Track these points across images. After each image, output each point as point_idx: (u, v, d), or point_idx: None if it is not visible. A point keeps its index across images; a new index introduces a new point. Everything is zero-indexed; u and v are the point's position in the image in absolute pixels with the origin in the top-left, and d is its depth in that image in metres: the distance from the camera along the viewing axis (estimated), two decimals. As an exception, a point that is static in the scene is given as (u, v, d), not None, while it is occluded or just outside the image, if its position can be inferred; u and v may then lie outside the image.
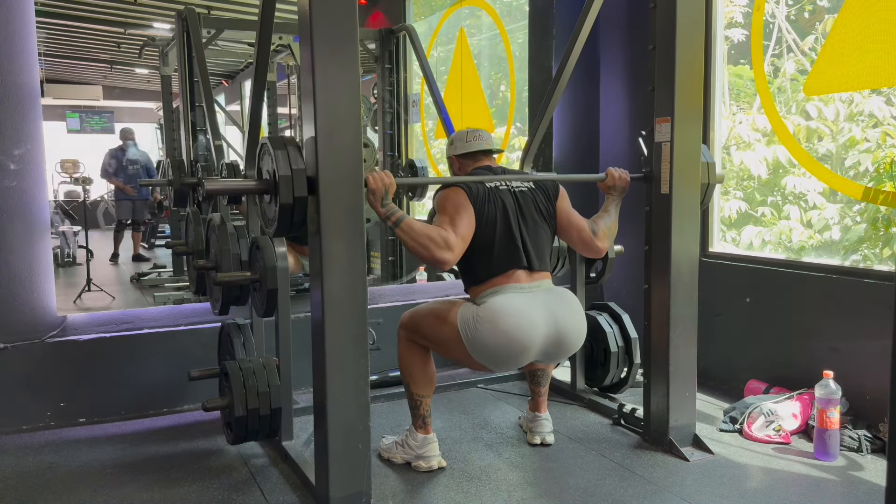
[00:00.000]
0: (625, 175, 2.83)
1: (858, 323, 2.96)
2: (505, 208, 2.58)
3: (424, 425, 2.67)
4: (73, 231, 8.24)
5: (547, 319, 2.50)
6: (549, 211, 2.68)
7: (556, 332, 2.53)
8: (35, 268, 3.20)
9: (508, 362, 2.53)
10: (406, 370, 2.68)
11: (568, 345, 2.58)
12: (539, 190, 2.69)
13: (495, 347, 2.46)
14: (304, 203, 2.19)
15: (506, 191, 2.62)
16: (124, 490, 2.56)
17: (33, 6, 3.18)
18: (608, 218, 2.79)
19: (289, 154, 2.19)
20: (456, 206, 2.51)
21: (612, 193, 2.84)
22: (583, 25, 3.16)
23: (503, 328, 2.44)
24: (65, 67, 12.14)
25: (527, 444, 2.93)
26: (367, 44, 5.92)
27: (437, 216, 2.54)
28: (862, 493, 2.45)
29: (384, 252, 6.09)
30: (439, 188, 2.64)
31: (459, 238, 2.45)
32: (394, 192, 2.38)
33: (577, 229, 2.73)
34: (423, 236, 2.40)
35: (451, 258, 2.44)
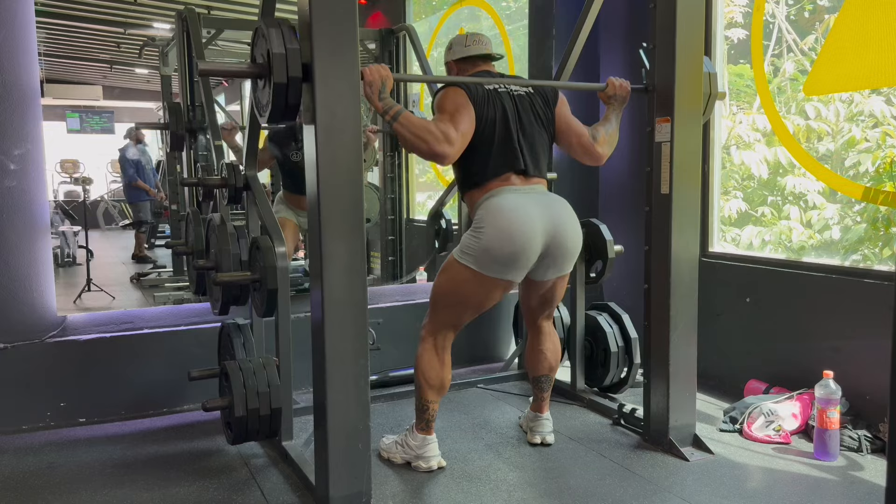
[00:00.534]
0: (625, 84, 2.80)
1: (858, 323, 2.96)
2: (504, 111, 2.56)
3: (427, 427, 2.66)
4: (73, 231, 8.24)
5: (543, 215, 2.51)
6: (547, 116, 2.66)
7: (553, 227, 2.53)
8: (35, 268, 3.20)
9: (517, 259, 2.48)
10: (422, 373, 2.63)
11: (566, 242, 2.57)
12: (538, 95, 2.67)
13: (500, 245, 2.44)
14: (299, 85, 2.14)
15: (505, 94, 2.60)
16: (124, 490, 2.56)
17: (33, 6, 3.18)
18: (609, 125, 2.78)
19: (283, 33, 2.14)
20: (456, 104, 2.49)
21: (613, 103, 2.82)
22: (583, 25, 3.16)
23: (502, 223, 2.44)
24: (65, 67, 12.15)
25: (527, 444, 2.93)
26: (367, 44, 5.92)
27: (437, 114, 2.51)
28: (862, 493, 2.45)
29: (384, 252, 6.09)
30: (439, 89, 2.60)
31: (460, 133, 2.43)
32: (391, 87, 2.35)
33: (577, 134, 2.72)
34: (423, 129, 2.37)
35: (451, 152, 2.41)
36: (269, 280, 2.56)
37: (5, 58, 3.08)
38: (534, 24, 4.35)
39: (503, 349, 4.22)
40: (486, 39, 2.74)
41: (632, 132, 4.00)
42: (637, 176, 4.01)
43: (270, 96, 2.17)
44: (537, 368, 2.91)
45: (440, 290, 2.62)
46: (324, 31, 2.12)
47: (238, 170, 2.98)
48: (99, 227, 11.73)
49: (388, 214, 6.07)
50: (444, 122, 2.44)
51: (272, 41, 2.12)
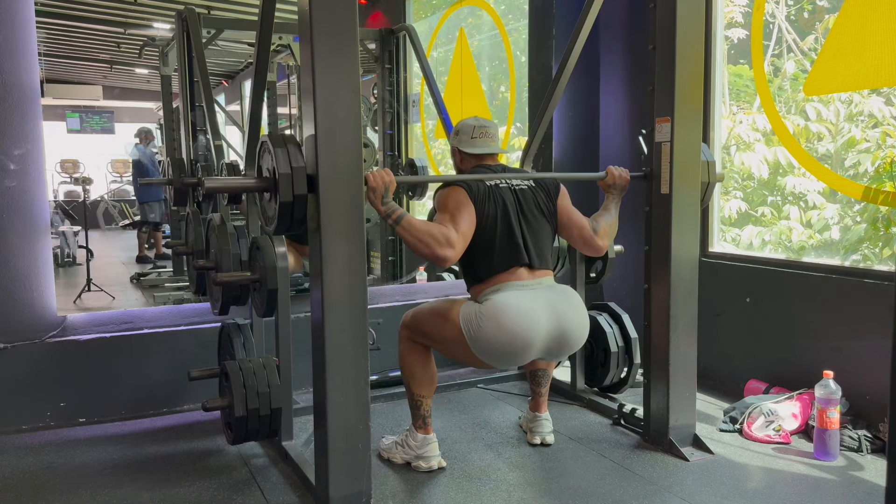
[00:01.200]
0: (625, 174, 2.84)
1: (858, 323, 2.96)
2: (506, 206, 2.58)
3: (425, 425, 2.66)
4: (73, 231, 8.24)
5: (550, 316, 2.50)
6: (549, 209, 2.68)
7: (558, 328, 2.52)
8: (35, 268, 3.20)
9: (512, 359, 2.53)
10: (407, 370, 2.67)
11: (571, 342, 2.58)
12: (539, 188, 2.70)
13: (499, 345, 2.46)
14: (304, 201, 2.20)
15: (506, 189, 2.62)
16: (124, 490, 2.56)
17: (33, 6, 3.18)
18: (608, 216, 2.80)
19: (289, 152, 2.19)
20: (457, 203, 2.51)
21: (612, 192, 2.85)
22: (583, 25, 3.16)
23: (506, 325, 2.44)
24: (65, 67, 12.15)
25: (526, 444, 2.93)
26: (367, 44, 5.92)
27: (438, 214, 2.53)
28: (862, 493, 2.45)
29: (384, 252, 6.09)
30: (440, 187, 2.64)
31: (460, 235, 2.45)
32: (394, 191, 2.38)
33: (578, 227, 2.73)
34: (424, 233, 2.40)
35: (453, 255, 2.43)
36: (269, 280, 2.56)
37: (5, 58, 3.08)
38: (534, 24, 4.35)
39: (503, 349, 4.21)
40: (493, 131, 2.76)
41: (631, 132, 4.00)
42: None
43: (276, 211, 2.23)
44: (535, 363, 2.90)
45: (431, 325, 2.61)
46: (324, 31, 2.12)
47: (238, 170, 2.98)
48: (99, 227, 11.73)
49: (389, 214, 6.05)
50: (444, 223, 2.46)
51: (279, 161, 2.18)
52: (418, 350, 2.66)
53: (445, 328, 2.55)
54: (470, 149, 2.73)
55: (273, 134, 2.34)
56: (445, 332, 2.55)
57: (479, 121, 2.76)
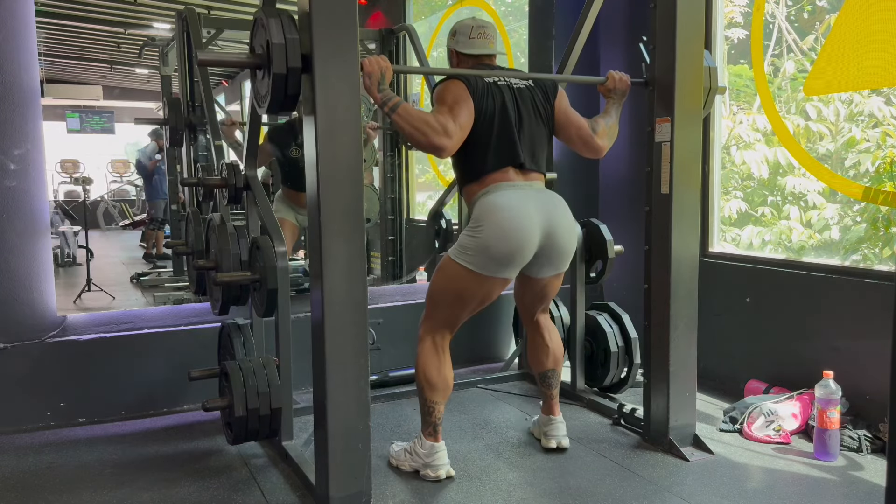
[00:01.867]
0: (625, 77, 2.80)
1: (858, 323, 2.96)
2: (504, 103, 2.55)
3: (435, 433, 2.61)
4: (73, 231, 8.24)
5: (539, 213, 2.50)
6: (546, 109, 2.65)
7: (549, 226, 2.52)
8: (35, 268, 3.20)
9: (513, 257, 2.48)
10: (423, 373, 2.61)
11: (561, 241, 2.57)
12: (538, 88, 2.66)
13: (497, 243, 2.44)
14: (298, 74, 2.14)
15: (505, 86, 2.59)
16: (124, 490, 2.56)
17: (33, 6, 3.18)
18: (609, 118, 2.77)
19: (282, 23, 2.13)
20: (455, 97, 2.48)
21: (613, 97, 2.82)
22: (583, 25, 3.16)
23: (498, 221, 2.44)
24: (65, 67, 12.15)
25: (527, 444, 2.92)
26: (367, 44, 5.92)
27: (436, 106, 2.49)
28: (862, 493, 2.45)
29: (384, 252, 6.09)
30: (438, 81, 2.60)
31: (458, 126, 2.42)
32: (390, 78, 2.35)
33: (577, 127, 2.71)
34: (421, 121, 2.36)
35: (450, 145, 2.40)
36: (269, 280, 2.56)
37: (5, 58, 3.08)
38: (534, 24, 4.35)
39: (503, 349, 4.22)
40: (491, 32, 2.71)
41: (632, 132, 4.00)
42: (637, 176, 4.01)
43: (269, 87, 2.17)
44: (542, 363, 2.89)
45: (437, 289, 2.61)
46: (324, 31, 2.12)
47: (238, 169, 2.98)
48: (99, 227, 11.73)
49: (388, 214, 6.07)
50: (443, 114, 2.43)
51: (272, 31, 2.12)
52: (437, 354, 2.61)
53: (448, 278, 2.54)
54: (468, 49, 2.68)
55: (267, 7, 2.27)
56: (450, 277, 2.53)
57: (477, 21, 2.72)
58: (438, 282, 2.61)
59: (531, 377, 3.72)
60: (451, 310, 2.59)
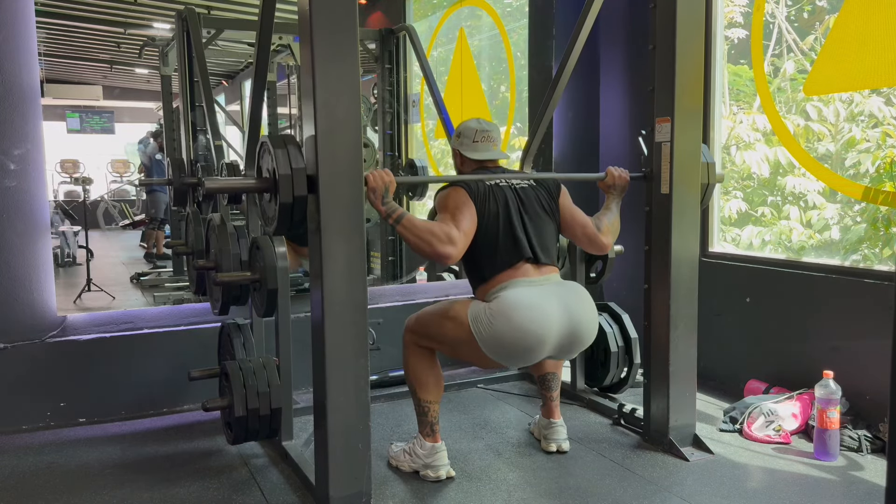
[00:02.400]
0: (624, 174, 2.84)
1: (858, 323, 2.96)
2: (507, 203, 2.57)
3: (433, 433, 2.61)
4: (73, 231, 8.24)
5: (561, 311, 2.48)
6: (551, 206, 2.67)
7: (570, 324, 2.50)
8: (35, 268, 3.20)
9: (523, 357, 2.49)
10: (413, 375, 2.62)
11: (582, 337, 2.56)
12: (541, 186, 2.69)
13: (511, 342, 2.43)
14: (304, 202, 2.20)
15: (507, 187, 2.62)
16: (124, 490, 2.56)
17: (33, 6, 3.18)
18: (610, 215, 2.80)
19: (289, 153, 2.19)
20: (457, 203, 2.50)
21: (612, 192, 2.85)
22: (583, 25, 3.16)
23: (518, 322, 2.41)
24: (65, 67, 12.15)
25: (527, 444, 2.92)
26: (367, 44, 5.92)
27: (439, 214, 2.52)
28: (862, 493, 2.45)
29: (384, 252, 6.09)
30: (440, 189, 2.63)
31: (462, 233, 2.44)
32: (394, 191, 2.38)
33: (582, 225, 2.72)
34: (426, 231, 2.39)
35: (455, 252, 2.41)
36: (269, 280, 2.56)
37: (5, 58, 3.08)
38: (534, 24, 4.36)
39: (503, 349, 4.21)
40: (496, 135, 2.74)
41: (632, 132, 4.00)
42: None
43: (276, 212, 2.23)
44: (542, 366, 2.89)
45: (438, 328, 2.57)
46: (324, 31, 2.12)
47: (238, 170, 2.98)
48: (99, 227, 11.73)
49: (389, 214, 6.06)
50: (446, 222, 2.45)
51: (279, 162, 2.18)
52: (423, 355, 2.62)
53: (452, 329, 2.52)
54: (471, 153, 2.72)
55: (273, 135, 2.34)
56: (453, 332, 2.52)
57: (481, 123, 2.74)
58: (442, 325, 2.55)
59: (531, 377, 3.72)
60: (439, 346, 2.62)
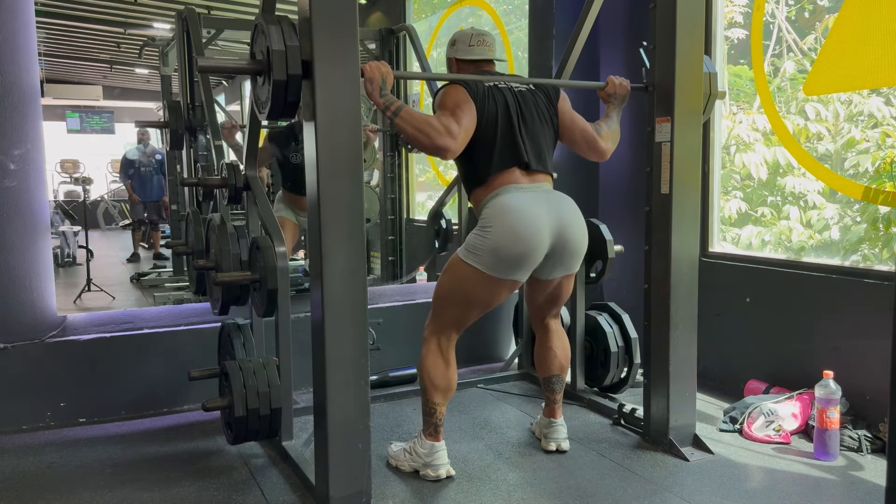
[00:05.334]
0: (625, 82, 2.81)
1: (858, 323, 2.96)
2: (507, 106, 2.55)
3: (435, 433, 2.61)
4: (73, 231, 8.23)
5: (550, 214, 2.50)
6: (550, 112, 2.66)
7: (560, 226, 2.52)
8: (35, 268, 3.20)
9: (522, 260, 2.47)
10: (427, 375, 2.60)
11: (573, 241, 2.57)
12: (540, 91, 2.68)
13: (506, 245, 2.43)
14: (298, 82, 2.14)
15: (506, 89, 2.60)
16: (124, 490, 2.56)
17: (33, 6, 3.18)
18: (611, 122, 2.79)
19: (283, 30, 2.13)
20: (456, 101, 2.48)
21: (613, 101, 2.83)
22: (583, 25, 3.16)
23: (509, 223, 2.43)
24: (65, 67, 12.14)
25: (527, 444, 2.92)
26: (367, 44, 5.92)
27: (438, 112, 2.49)
28: (862, 493, 2.45)
29: (384, 252, 6.09)
30: (439, 87, 2.60)
31: (461, 128, 2.42)
32: (391, 84, 2.35)
33: (581, 130, 2.72)
34: (424, 123, 2.37)
35: (454, 146, 2.40)
36: (269, 280, 2.56)
37: (5, 58, 3.08)
38: (534, 24, 4.35)
39: (503, 349, 4.22)
40: (491, 40, 2.72)
41: (632, 132, 4.00)
42: (637, 176, 4.00)
43: (270, 93, 2.16)
44: (548, 368, 2.88)
45: (444, 290, 2.59)
46: (324, 31, 2.12)
47: (238, 170, 2.98)
48: (99, 227, 11.73)
49: (388, 214, 6.07)
50: (445, 116, 2.43)
51: (272, 38, 2.12)
52: (441, 356, 2.60)
53: (456, 278, 2.53)
54: (467, 55, 2.68)
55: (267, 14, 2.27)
56: (458, 278, 2.52)
57: (476, 29, 2.73)
58: (446, 282, 2.59)
59: (531, 377, 3.72)
60: (458, 311, 2.58)
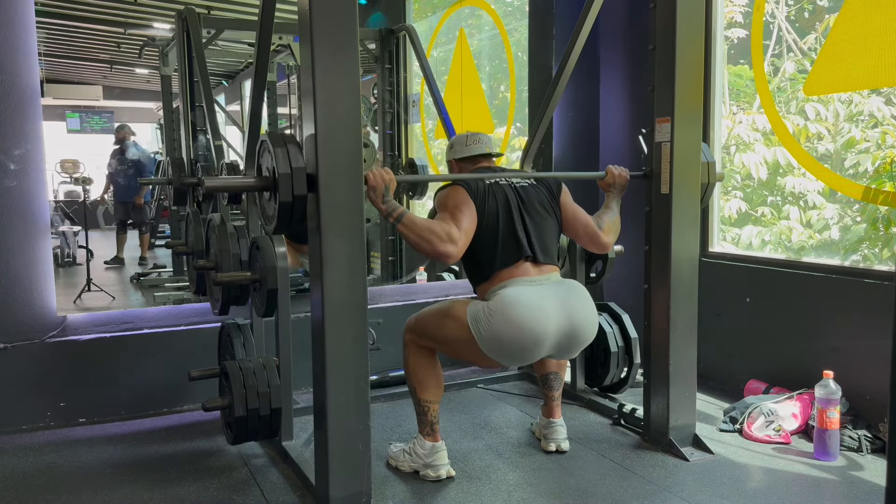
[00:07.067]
0: (624, 173, 2.83)
1: (858, 323, 2.96)
2: (507, 202, 2.57)
3: (433, 432, 2.61)
4: (73, 231, 8.23)
5: (559, 310, 2.47)
6: (552, 205, 2.67)
7: (569, 323, 2.49)
8: (35, 268, 3.20)
9: (522, 356, 2.48)
10: (413, 375, 2.62)
11: (581, 336, 2.55)
12: (541, 185, 2.69)
13: (509, 340, 2.42)
14: (304, 201, 2.19)
15: (507, 185, 2.62)
16: (124, 490, 2.56)
17: (33, 6, 3.18)
18: (611, 213, 2.80)
19: (288, 152, 2.19)
20: (457, 202, 2.50)
21: (612, 191, 2.85)
22: (583, 25, 3.16)
23: (516, 320, 2.40)
24: (65, 67, 12.13)
25: (527, 444, 2.92)
26: (367, 44, 5.92)
27: (439, 214, 2.52)
28: (862, 493, 2.45)
29: (384, 252, 6.09)
30: (439, 188, 2.63)
31: (462, 232, 2.43)
32: (394, 189, 2.37)
33: (584, 224, 2.73)
34: (426, 230, 2.39)
35: (455, 251, 2.41)
36: (269, 280, 2.56)
37: (5, 58, 3.08)
38: (534, 24, 4.36)
39: (503, 349, 4.21)
40: (486, 138, 2.77)
41: (632, 132, 4.00)
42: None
43: (276, 211, 2.22)
44: (545, 365, 2.89)
45: (437, 328, 2.56)
46: (324, 31, 2.12)
47: (238, 170, 2.98)
48: (99, 227, 11.73)
49: (389, 214, 6.06)
50: (446, 220, 2.45)
51: (278, 161, 2.17)
52: (424, 354, 2.62)
53: (452, 328, 2.51)
54: (465, 153, 2.74)
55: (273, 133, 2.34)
56: (452, 331, 2.52)
57: (470, 133, 2.79)
58: (442, 325, 2.55)
59: (531, 377, 3.72)
60: (440, 346, 2.61)
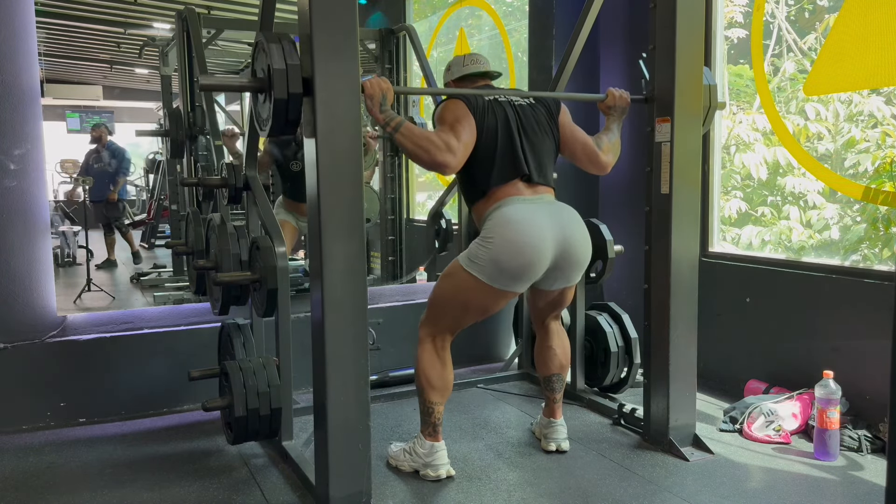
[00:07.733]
0: (625, 95, 2.81)
1: (858, 323, 2.96)
2: (506, 119, 2.56)
3: (434, 433, 2.61)
4: (73, 231, 8.22)
5: (553, 226, 2.48)
6: (550, 125, 2.66)
7: (563, 238, 2.50)
8: (35, 268, 3.20)
9: (525, 272, 2.46)
10: (423, 375, 2.60)
11: (576, 254, 2.55)
12: (540, 105, 2.68)
13: (508, 258, 2.42)
14: (299, 100, 2.15)
15: (506, 103, 2.60)
16: (124, 490, 2.56)
17: (33, 6, 3.18)
18: (611, 135, 2.79)
19: (283, 48, 2.14)
20: (456, 116, 2.49)
21: (613, 114, 2.83)
22: (583, 25, 3.17)
23: (511, 235, 2.42)
24: (65, 67, 12.15)
25: (527, 444, 2.92)
26: (367, 44, 5.92)
27: (438, 127, 2.50)
28: (862, 493, 2.45)
29: (384, 252, 6.10)
30: (439, 102, 2.61)
31: (461, 143, 2.42)
32: (392, 99, 2.36)
33: (582, 143, 2.72)
34: (424, 139, 2.37)
35: (454, 162, 2.40)
36: (269, 280, 2.56)
37: (5, 58, 3.08)
38: (534, 24, 4.36)
39: (503, 349, 4.22)
40: (484, 59, 2.75)
41: (632, 132, 4.00)
42: (637, 176, 4.00)
43: (271, 111, 2.18)
44: (547, 367, 2.88)
45: (442, 295, 2.59)
46: (324, 32, 2.12)
47: (238, 170, 2.98)
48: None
49: (388, 214, 6.08)
50: (445, 132, 2.44)
51: (273, 57, 2.13)
52: (437, 355, 2.60)
53: (456, 284, 2.52)
54: (463, 72, 2.71)
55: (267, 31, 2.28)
56: (458, 286, 2.51)
57: (468, 54, 2.76)
58: (444, 288, 2.59)
59: (531, 377, 3.73)
60: (454, 316, 2.59)
